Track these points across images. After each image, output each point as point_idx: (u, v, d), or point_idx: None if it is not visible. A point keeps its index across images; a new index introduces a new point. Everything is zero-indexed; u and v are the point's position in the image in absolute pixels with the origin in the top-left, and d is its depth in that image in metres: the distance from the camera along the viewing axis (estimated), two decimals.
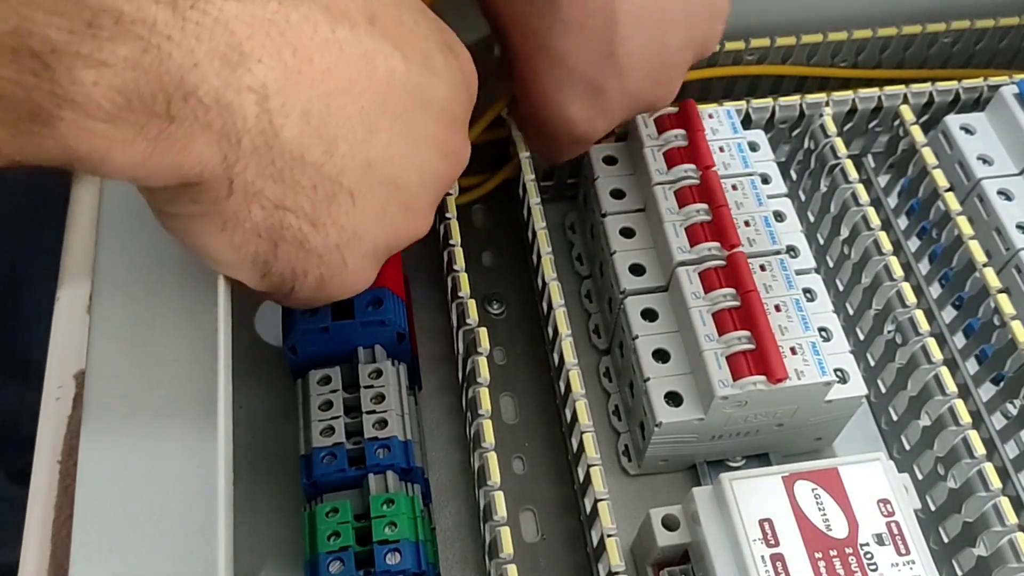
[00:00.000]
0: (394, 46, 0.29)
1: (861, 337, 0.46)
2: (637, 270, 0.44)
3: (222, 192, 0.27)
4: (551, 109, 0.38)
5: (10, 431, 0.50)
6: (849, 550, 0.36)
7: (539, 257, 0.44)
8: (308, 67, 0.26)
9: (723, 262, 0.42)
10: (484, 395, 0.40)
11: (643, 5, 0.36)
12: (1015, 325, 0.41)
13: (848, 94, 0.49)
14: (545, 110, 0.38)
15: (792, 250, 0.45)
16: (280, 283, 0.30)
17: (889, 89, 0.49)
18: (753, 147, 0.47)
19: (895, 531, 0.36)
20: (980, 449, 0.39)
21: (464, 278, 0.42)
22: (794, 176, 0.52)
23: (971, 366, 0.45)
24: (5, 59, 0.22)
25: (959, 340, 0.46)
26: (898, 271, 0.44)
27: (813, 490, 0.37)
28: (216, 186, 0.27)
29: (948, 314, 0.46)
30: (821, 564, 0.35)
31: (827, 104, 0.49)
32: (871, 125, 0.51)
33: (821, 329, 0.42)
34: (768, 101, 0.49)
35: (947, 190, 0.46)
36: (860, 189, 0.46)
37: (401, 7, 0.30)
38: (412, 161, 0.31)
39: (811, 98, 0.49)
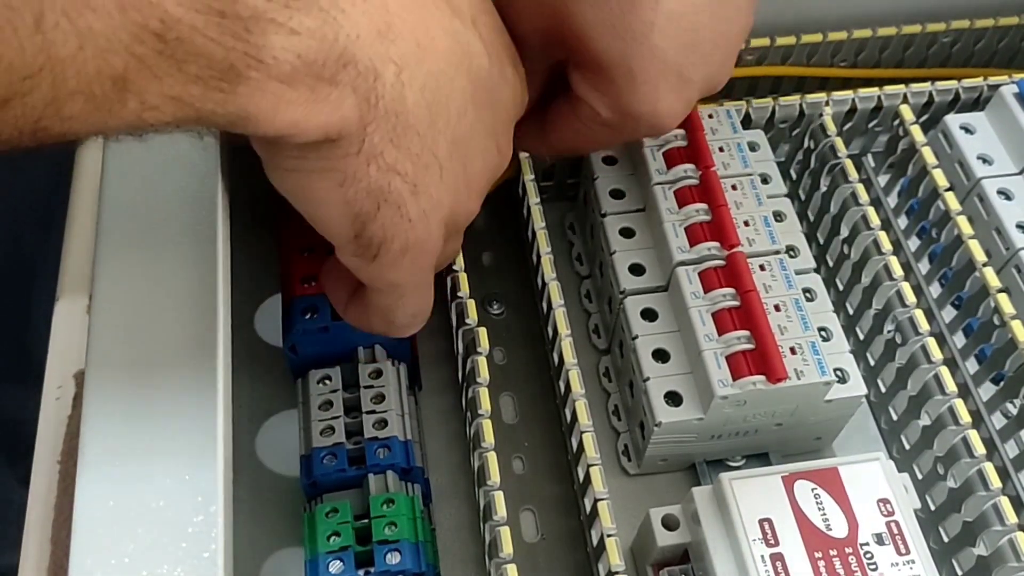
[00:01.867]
0: (485, 47, 0.33)
1: (861, 337, 0.46)
2: (637, 270, 0.44)
3: (352, 149, 0.30)
4: (644, 106, 0.39)
5: (22, 435, 0.50)
6: (849, 550, 0.36)
7: (539, 257, 0.44)
8: (432, 47, 0.30)
9: (723, 262, 0.42)
10: (484, 395, 0.40)
11: None
12: (1015, 324, 0.41)
13: (848, 94, 0.49)
14: (637, 108, 0.39)
15: (792, 250, 0.45)
16: (368, 246, 0.32)
17: (889, 89, 0.49)
18: (753, 147, 0.47)
19: (895, 531, 0.36)
20: (980, 449, 0.39)
21: (464, 278, 0.42)
22: (794, 176, 0.52)
23: (971, 366, 0.45)
24: (212, 20, 0.25)
25: (959, 340, 0.46)
26: (898, 271, 0.44)
27: (813, 490, 0.37)
28: (348, 143, 0.29)
29: (948, 314, 0.46)
30: (821, 564, 0.35)
31: (827, 104, 0.49)
32: (871, 125, 0.51)
33: (821, 329, 0.42)
34: (768, 101, 0.49)
35: (947, 190, 0.46)
36: (860, 189, 0.46)
37: (491, 18, 0.34)
38: (480, 147, 0.34)
39: (811, 98, 0.49)
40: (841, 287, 0.48)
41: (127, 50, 0.25)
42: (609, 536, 0.37)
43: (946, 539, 0.41)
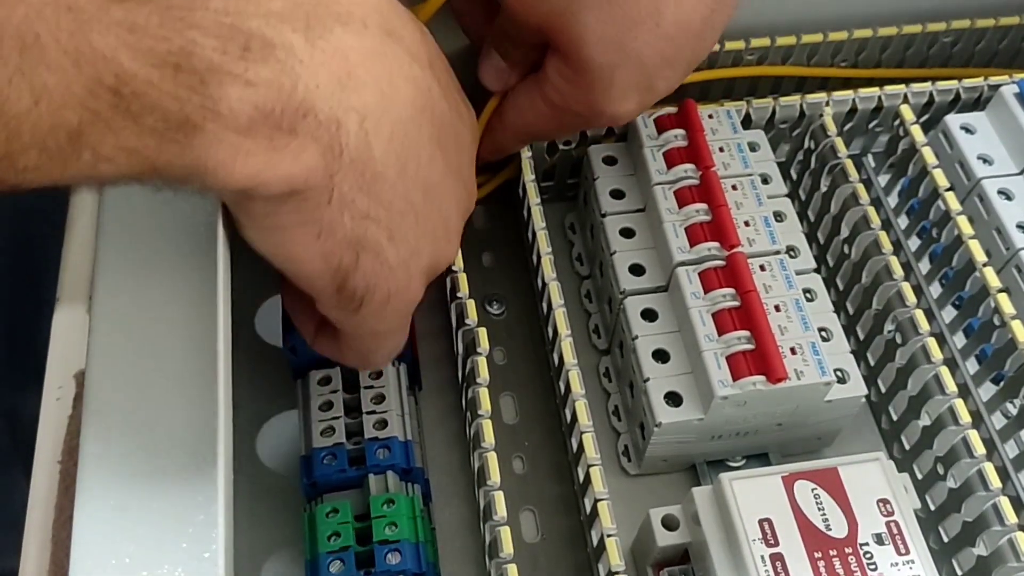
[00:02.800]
0: (442, 90, 0.33)
1: (861, 337, 0.46)
2: (637, 270, 0.44)
3: (323, 199, 0.30)
4: (611, 106, 0.41)
5: (33, 437, 0.50)
6: (849, 550, 0.36)
7: (539, 257, 0.44)
8: (397, 95, 0.30)
9: (723, 262, 0.42)
10: (484, 395, 0.40)
11: (707, 18, 0.39)
12: (1015, 325, 0.41)
13: (848, 94, 0.49)
14: (602, 106, 0.41)
15: (792, 250, 0.45)
16: (351, 298, 0.33)
17: (889, 89, 0.49)
18: (753, 147, 0.47)
19: (895, 531, 0.36)
20: (980, 449, 0.39)
21: (463, 278, 0.42)
22: (794, 176, 0.52)
23: (971, 366, 0.45)
24: (167, 74, 0.25)
25: (959, 340, 0.46)
26: (898, 271, 0.44)
27: (813, 490, 0.37)
28: (317, 194, 0.29)
29: (948, 314, 0.46)
30: (821, 564, 0.35)
31: (827, 104, 0.49)
32: (871, 125, 0.51)
33: (821, 329, 0.42)
34: (768, 101, 0.49)
35: (947, 190, 0.46)
36: (860, 189, 0.46)
37: (444, 60, 0.34)
38: (452, 190, 0.34)
39: (811, 98, 0.49)
40: (841, 287, 0.48)
41: (82, 104, 0.25)
42: (609, 536, 0.37)
43: (946, 539, 0.41)
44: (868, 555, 0.36)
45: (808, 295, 0.43)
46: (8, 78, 0.24)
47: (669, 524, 0.38)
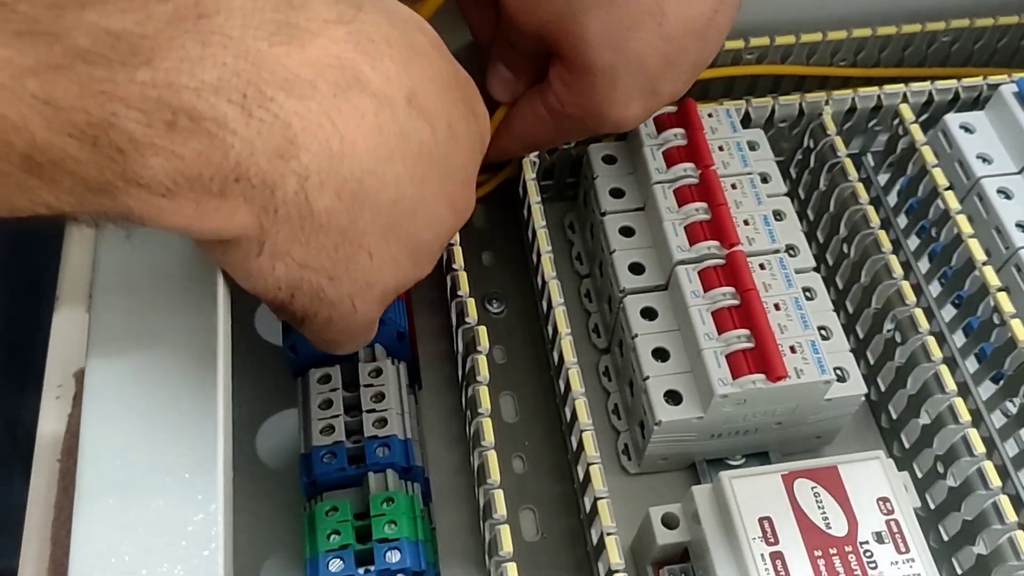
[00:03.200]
0: (426, 120, 0.31)
1: (861, 335, 0.46)
2: (636, 269, 0.44)
3: (252, 251, 0.29)
4: (615, 110, 0.40)
5: (32, 439, 0.50)
6: (849, 548, 0.36)
7: (539, 256, 0.44)
8: (351, 151, 0.29)
9: (722, 261, 0.42)
10: (484, 394, 0.40)
11: (709, 18, 0.39)
12: (1015, 323, 0.42)
13: (847, 93, 0.49)
14: (606, 110, 0.40)
15: (791, 249, 0.45)
16: (292, 317, 0.33)
17: (888, 88, 0.49)
18: (752, 146, 0.47)
19: (895, 529, 0.36)
20: (980, 447, 0.39)
21: (463, 277, 0.42)
22: (793, 175, 0.52)
23: (971, 364, 0.45)
24: (86, 146, 0.24)
25: (959, 338, 0.46)
26: (897, 270, 0.44)
27: (813, 488, 0.37)
28: (248, 246, 0.29)
29: (948, 312, 0.46)
30: (821, 562, 0.35)
31: (826, 103, 0.49)
32: (870, 124, 0.51)
33: (820, 327, 0.42)
34: (767, 100, 0.49)
35: (946, 189, 0.46)
36: (859, 188, 0.46)
37: (436, 79, 0.32)
38: (428, 219, 0.33)
39: (810, 97, 0.49)
40: (841, 286, 0.48)
41: None
42: (609, 535, 0.37)
43: (946, 537, 0.41)
44: (868, 553, 0.36)
45: (808, 294, 0.43)
46: None
47: (669, 523, 0.38)
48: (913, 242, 0.49)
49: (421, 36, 0.31)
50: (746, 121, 0.49)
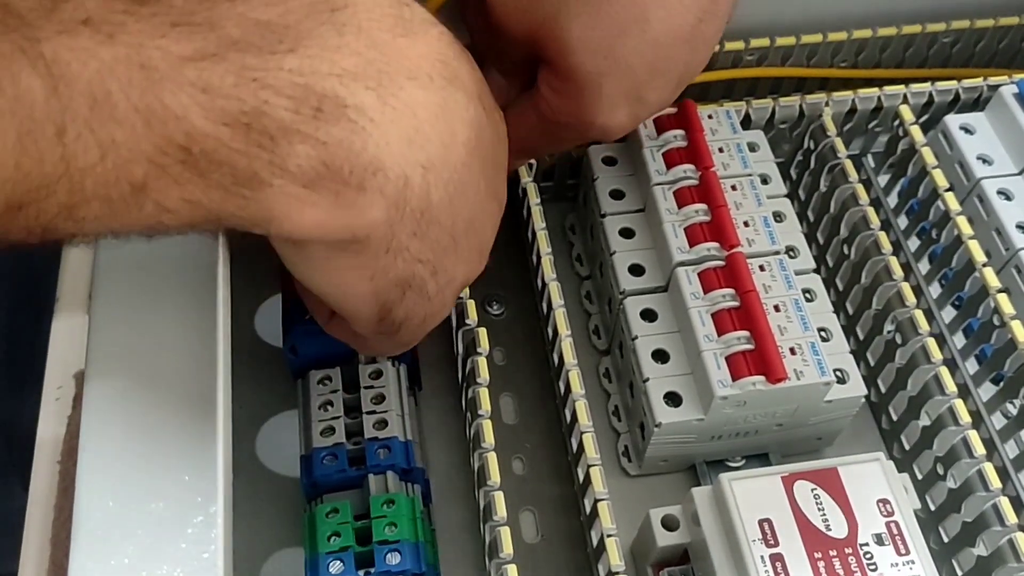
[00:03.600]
0: (487, 115, 0.32)
1: (861, 337, 0.46)
2: (636, 270, 0.44)
3: (382, 249, 0.30)
4: (601, 117, 0.41)
5: (29, 442, 0.50)
6: (849, 550, 0.36)
7: (539, 258, 0.44)
8: (454, 143, 0.30)
9: (722, 262, 0.42)
10: (484, 395, 0.40)
11: (695, 26, 0.39)
12: (1015, 325, 0.41)
13: (848, 94, 0.49)
14: (592, 117, 0.41)
15: (791, 250, 0.45)
16: (391, 326, 0.33)
17: (889, 89, 0.49)
18: (752, 147, 0.47)
19: (895, 531, 0.36)
20: (980, 449, 0.39)
21: None
22: (794, 176, 0.52)
23: (971, 366, 0.45)
24: (239, 133, 0.25)
25: (959, 340, 0.46)
26: (898, 271, 0.44)
27: (813, 490, 0.37)
28: (378, 244, 0.29)
29: (948, 314, 0.46)
30: (821, 564, 0.35)
31: (827, 104, 0.49)
32: (871, 125, 0.51)
33: (820, 329, 0.42)
34: (768, 101, 0.49)
35: (947, 190, 0.46)
36: (860, 189, 0.46)
37: (480, 78, 0.33)
38: (491, 213, 0.34)
39: (811, 98, 0.49)
40: (841, 287, 0.48)
41: (149, 160, 0.25)
42: (609, 536, 0.37)
43: (946, 539, 0.41)
44: (868, 555, 0.36)
45: (808, 295, 0.43)
46: (77, 133, 0.24)
47: (669, 524, 0.38)
48: (913, 243, 0.49)
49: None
50: (746, 122, 0.49)
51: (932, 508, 0.42)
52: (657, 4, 0.38)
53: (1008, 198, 0.46)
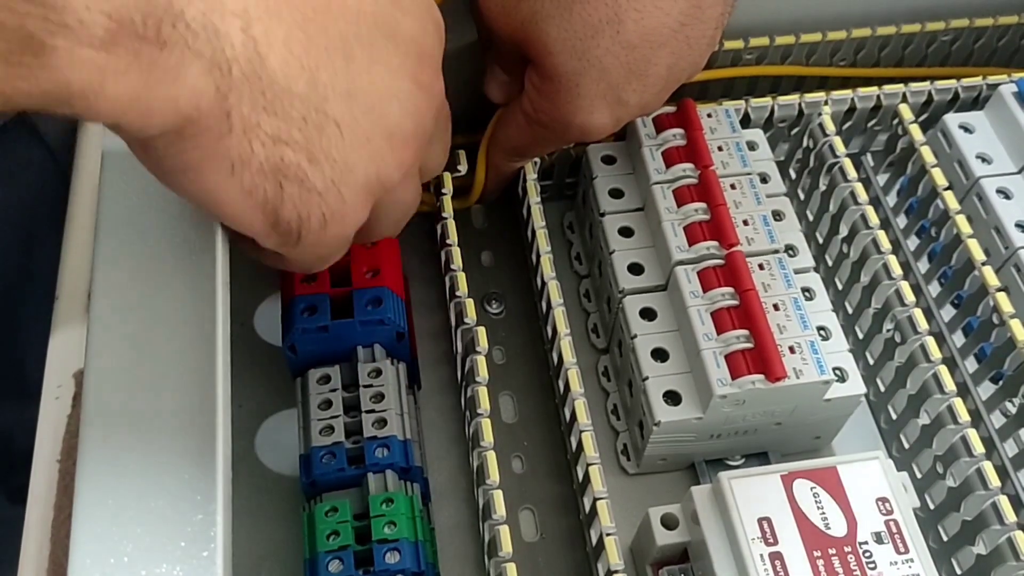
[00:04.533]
0: None
1: (860, 336, 0.46)
2: (636, 269, 0.44)
3: (223, 128, 0.27)
4: (578, 117, 0.41)
5: (8, 449, 0.50)
6: (848, 549, 0.36)
7: (538, 256, 0.44)
8: (320, 1, 0.27)
9: (722, 261, 0.42)
10: (483, 394, 0.40)
11: (675, 31, 0.39)
12: (1014, 323, 0.42)
13: (847, 93, 0.49)
14: (571, 117, 0.41)
15: (791, 249, 0.45)
16: (288, 231, 0.31)
17: (888, 88, 0.49)
18: (752, 146, 0.47)
19: (894, 530, 0.36)
20: (979, 447, 0.39)
21: (462, 277, 0.42)
22: (793, 175, 0.52)
23: (970, 364, 0.45)
24: None
25: (958, 338, 0.46)
26: (897, 270, 0.44)
27: (812, 489, 0.37)
28: (215, 122, 0.27)
29: (947, 312, 0.46)
30: (820, 563, 0.35)
31: (826, 103, 0.49)
32: (870, 124, 0.51)
33: (820, 328, 0.42)
34: (767, 100, 0.49)
35: (946, 188, 0.46)
36: (859, 188, 0.46)
37: None
38: (389, 89, 0.31)
39: (810, 97, 0.49)
40: (840, 286, 0.48)
41: None
42: (608, 535, 0.37)
43: (945, 538, 0.41)
44: (867, 554, 0.36)
45: (807, 294, 0.43)
46: None
47: (668, 523, 0.38)
48: (912, 242, 0.49)
49: None
50: (745, 121, 0.49)
51: (931, 507, 0.42)
52: (631, 6, 0.38)
53: (1007, 197, 0.46)
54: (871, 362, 0.46)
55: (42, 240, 0.56)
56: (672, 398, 0.41)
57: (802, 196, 0.51)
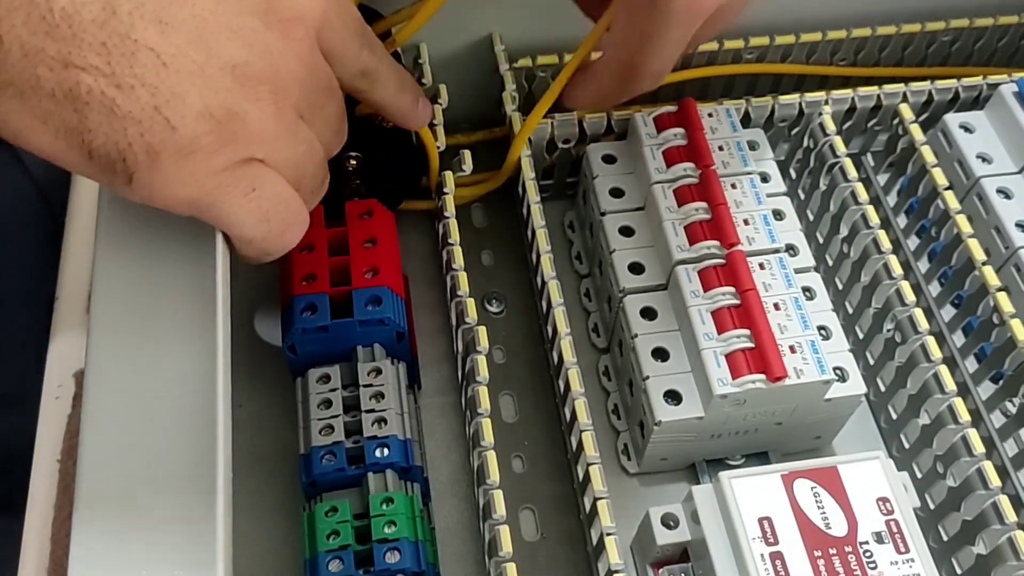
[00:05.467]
0: None
1: (860, 335, 0.46)
2: (636, 268, 0.44)
3: None
4: None
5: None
6: (848, 548, 0.36)
7: (538, 256, 0.44)
8: None
9: (722, 261, 0.42)
10: (483, 394, 0.40)
11: None
12: (1014, 323, 0.41)
13: (847, 92, 0.49)
14: None
15: (791, 248, 0.45)
16: (108, 163, 0.29)
17: (888, 87, 0.49)
18: (752, 146, 0.47)
19: (894, 529, 0.36)
20: (979, 447, 0.39)
21: (463, 277, 0.42)
22: (793, 175, 0.52)
23: (970, 364, 0.45)
24: None
25: (958, 338, 0.46)
26: (897, 269, 0.44)
27: (812, 488, 0.37)
28: None
29: (947, 312, 0.46)
30: (820, 562, 0.35)
31: (826, 103, 0.49)
32: (870, 123, 0.51)
33: (820, 327, 0.42)
34: (767, 100, 0.49)
35: (946, 188, 0.46)
36: (859, 187, 0.46)
37: None
38: (223, 24, 0.29)
39: (810, 96, 0.49)
40: (840, 286, 0.48)
41: None
42: (609, 535, 0.37)
43: (945, 538, 0.41)
44: (868, 554, 0.36)
45: (807, 293, 0.43)
46: None
47: (669, 523, 0.38)
48: (913, 242, 0.49)
49: None
50: (746, 121, 0.49)
51: (932, 506, 0.42)
52: None
53: (1007, 196, 0.46)
54: (871, 362, 0.46)
55: (25, 250, 0.55)
56: (673, 398, 0.41)
57: (802, 196, 0.51)
